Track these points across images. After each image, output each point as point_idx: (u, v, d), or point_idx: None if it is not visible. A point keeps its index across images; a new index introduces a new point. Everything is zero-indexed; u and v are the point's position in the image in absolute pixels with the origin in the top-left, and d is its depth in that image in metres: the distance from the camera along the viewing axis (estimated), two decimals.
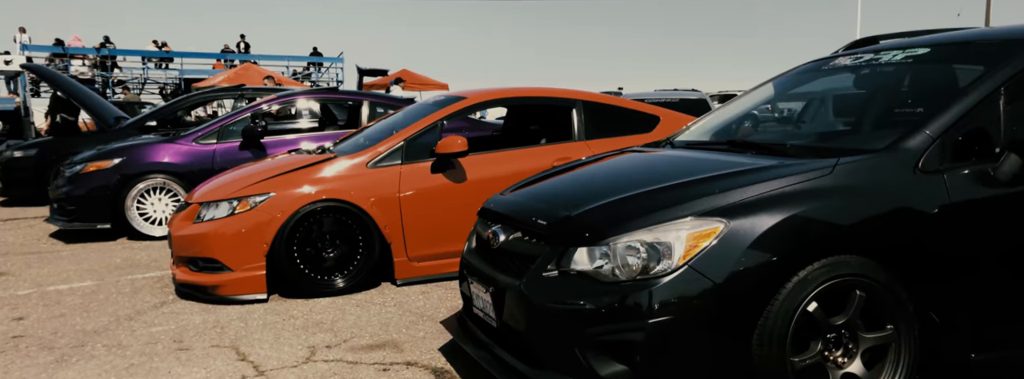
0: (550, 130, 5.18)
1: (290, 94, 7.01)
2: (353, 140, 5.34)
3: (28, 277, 5.01)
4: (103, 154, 6.40)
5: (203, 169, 6.45)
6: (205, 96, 8.95)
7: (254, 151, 6.59)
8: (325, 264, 4.34)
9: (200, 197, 4.47)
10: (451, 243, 4.51)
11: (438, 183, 4.49)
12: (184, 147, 6.51)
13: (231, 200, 4.27)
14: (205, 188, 4.68)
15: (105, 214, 6.27)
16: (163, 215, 6.43)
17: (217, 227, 4.21)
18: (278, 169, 4.47)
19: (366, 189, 4.36)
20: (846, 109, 3.24)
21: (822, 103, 2.95)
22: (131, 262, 5.49)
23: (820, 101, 2.95)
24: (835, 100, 3.25)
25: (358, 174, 4.41)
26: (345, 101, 7.17)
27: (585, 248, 2.23)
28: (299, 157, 4.75)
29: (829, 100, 3.04)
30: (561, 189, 2.79)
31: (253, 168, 4.79)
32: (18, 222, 7.45)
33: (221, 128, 6.64)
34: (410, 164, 4.49)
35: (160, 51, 29.38)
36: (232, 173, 4.89)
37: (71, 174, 6.35)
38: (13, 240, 6.45)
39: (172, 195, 6.43)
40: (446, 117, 4.68)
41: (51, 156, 8.31)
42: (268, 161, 4.99)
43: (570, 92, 4.99)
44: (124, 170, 6.29)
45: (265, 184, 4.30)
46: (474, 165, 4.55)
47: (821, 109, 2.96)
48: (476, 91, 4.98)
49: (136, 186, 6.30)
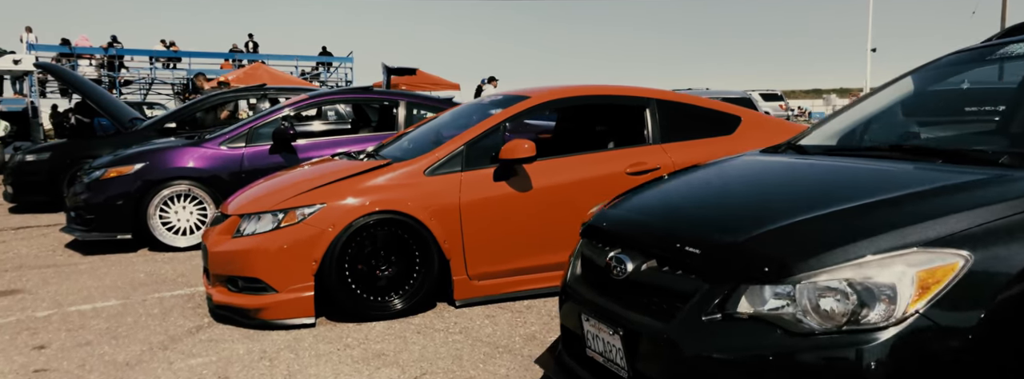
0: (618, 132, 4.72)
1: (322, 94, 6.55)
2: (398, 145, 4.89)
3: (46, 295, 4.57)
4: (124, 159, 5.96)
5: (231, 175, 6.01)
6: (226, 97, 8.51)
7: (285, 155, 6.14)
8: (378, 283, 3.88)
9: (239, 208, 4.02)
10: (515, 259, 4.05)
11: (501, 192, 4.03)
12: (210, 151, 6.06)
13: (276, 212, 3.81)
14: (243, 198, 4.23)
15: (126, 224, 5.82)
16: (187, 224, 5.98)
17: (260, 242, 3.76)
18: (326, 177, 4.01)
19: (424, 199, 3.90)
20: None
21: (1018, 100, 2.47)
22: (156, 277, 5.04)
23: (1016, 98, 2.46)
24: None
25: (415, 182, 3.95)
26: (380, 101, 6.70)
27: (763, 287, 1.77)
28: (348, 163, 4.30)
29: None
30: (699, 205, 2.31)
31: (296, 175, 4.34)
32: (31, 231, 7.01)
33: (250, 131, 6.19)
34: (471, 171, 4.02)
35: (168, 51, 29.07)
36: (272, 181, 4.44)
37: (90, 180, 5.90)
38: (27, 251, 6.01)
39: (197, 203, 5.98)
40: (509, 119, 4.22)
41: (65, 160, 7.88)
42: (311, 168, 4.53)
43: (642, 90, 4.52)
44: (147, 176, 5.84)
45: (315, 194, 3.84)
46: (539, 172, 4.09)
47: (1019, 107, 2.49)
48: (539, 89, 4.51)
49: (160, 193, 5.86)
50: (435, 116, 5.31)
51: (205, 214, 6.00)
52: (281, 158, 6.13)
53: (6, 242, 6.43)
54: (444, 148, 4.06)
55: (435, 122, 5.10)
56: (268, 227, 3.80)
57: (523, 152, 3.89)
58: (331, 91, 6.66)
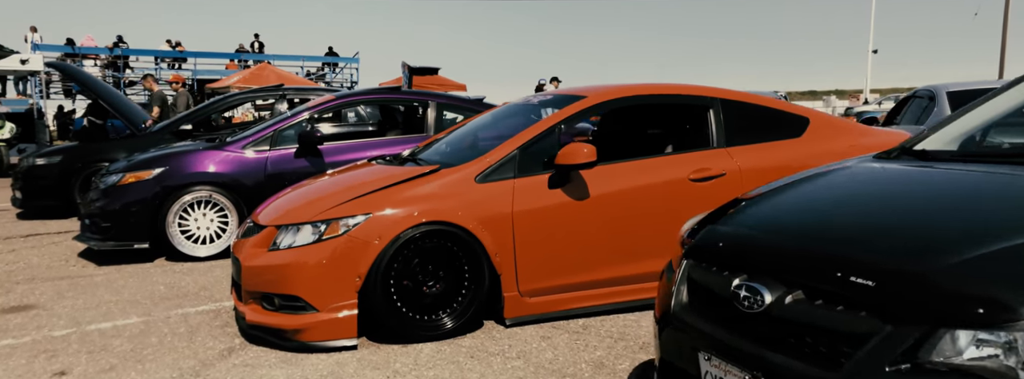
0: (677, 135, 4.39)
1: (349, 95, 6.23)
2: (438, 149, 4.57)
3: (62, 311, 4.24)
4: (142, 163, 5.64)
5: (255, 180, 5.69)
6: (243, 97, 8.20)
7: (311, 159, 5.82)
8: (424, 300, 3.55)
9: (276, 218, 3.69)
10: (570, 274, 3.72)
11: (557, 201, 3.69)
12: (233, 155, 5.74)
13: (317, 223, 3.48)
14: (278, 207, 3.91)
15: (144, 232, 5.50)
16: (208, 233, 5.66)
17: (300, 256, 3.43)
18: (369, 184, 3.68)
19: (475, 208, 3.57)
20: None
21: None
22: (177, 290, 4.71)
23: None
24: None
25: (465, 190, 3.62)
26: (409, 102, 6.38)
27: (970, 332, 1.44)
28: (390, 169, 3.97)
29: None
30: (849, 223, 1.95)
31: (334, 183, 4.02)
32: (41, 239, 6.69)
33: (274, 133, 5.87)
34: (524, 178, 3.69)
35: (173, 51, 28.80)
36: (307, 188, 4.11)
37: (106, 186, 5.58)
38: (38, 261, 5.69)
39: (218, 210, 5.66)
40: (565, 120, 3.88)
41: (77, 163, 7.57)
42: (349, 174, 4.20)
43: (705, 89, 4.18)
44: (166, 181, 5.52)
45: (360, 203, 3.51)
46: (596, 178, 3.75)
47: None
48: (596, 88, 4.17)
49: (179, 200, 5.53)
50: (472, 117, 4.98)
51: (226, 222, 5.68)
52: (307, 162, 5.81)
53: (16, 251, 6.11)
54: (496, 153, 3.72)
55: (475, 124, 4.77)
56: (308, 239, 3.47)
57: (582, 157, 3.56)
58: (358, 92, 6.33)
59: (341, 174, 4.31)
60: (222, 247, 5.65)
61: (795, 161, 3.94)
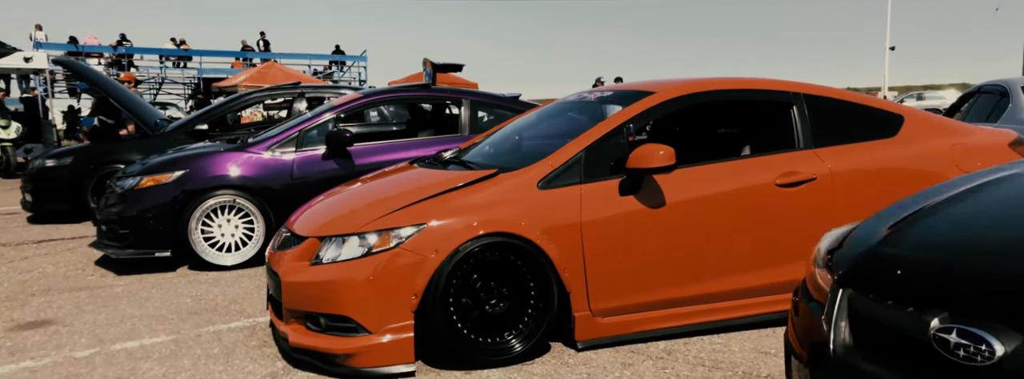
0: (754, 135, 4.04)
1: (378, 93, 5.88)
2: (481, 150, 4.24)
3: (83, 328, 3.91)
4: (161, 165, 5.30)
5: (281, 184, 5.36)
6: (261, 95, 7.86)
7: (340, 161, 5.48)
8: (485, 321, 3.21)
9: (317, 228, 3.36)
10: (646, 291, 3.38)
11: (630, 209, 3.34)
12: (257, 157, 5.40)
13: (365, 234, 3.15)
14: (317, 215, 3.58)
15: (165, 239, 5.17)
16: (232, 240, 5.32)
17: (348, 272, 3.10)
18: (421, 190, 3.34)
19: (539, 218, 3.23)
20: None
21: None
22: (206, 304, 4.39)
23: None
24: None
25: (528, 197, 3.27)
26: (442, 100, 6.03)
27: None
28: (439, 173, 3.62)
29: None
30: None
31: (379, 188, 3.69)
32: (54, 245, 6.36)
33: (300, 133, 5.53)
34: (592, 183, 3.34)
35: (177, 49, 28.53)
36: (345, 194, 3.79)
37: (123, 190, 5.25)
38: (54, 270, 5.36)
39: (242, 215, 5.32)
40: (634, 119, 3.53)
41: (89, 165, 7.24)
42: (393, 178, 3.87)
43: (787, 83, 3.83)
44: (187, 185, 5.18)
45: (413, 211, 3.18)
46: (673, 184, 3.41)
47: None
48: (664, 83, 3.81)
49: (202, 205, 5.20)
50: (517, 116, 4.64)
51: (251, 228, 5.34)
52: (336, 164, 5.47)
53: (29, 258, 5.79)
54: (559, 155, 3.37)
55: (523, 124, 4.43)
56: (356, 253, 3.14)
57: (659, 160, 3.21)
58: (387, 89, 6.00)
59: (382, 179, 3.98)
60: (248, 255, 5.32)
61: (893, 164, 3.59)
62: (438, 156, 4.39)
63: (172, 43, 28.90)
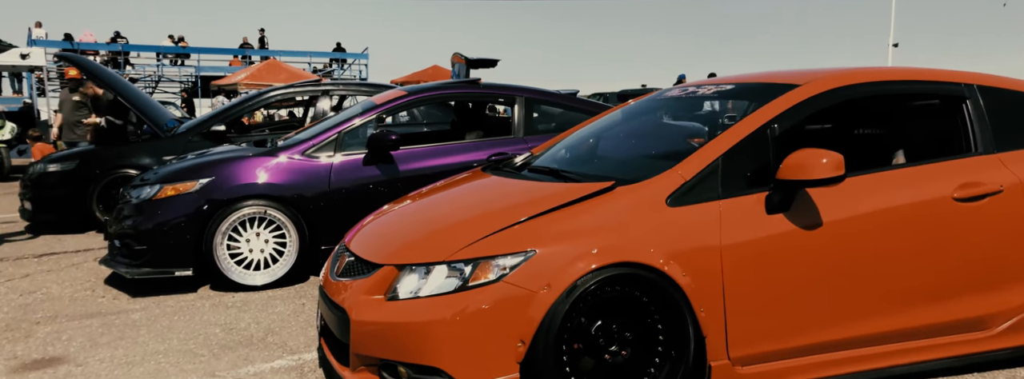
0: (912, 136, 3.43)
1: (423, 90, 5.26)
2: (564, 156, 3.65)
3: (100, 369, 3.30)
4: (182, 172, 4.68)
5: (317, 192, 4.74)
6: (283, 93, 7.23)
7: (383, 167, 4.87)
8: (603, 373, 2.60)
9: (391, 253, 2.75)
10: (799, 331, 2.76)
11: (779, 230, 2.71)
12: (290, 162, 4.78)
13: (457, 263, 2.54)
14: (384, 235, 2.98)
15: (187, 256, 4.55)
16: (261, 256, 4.71)
17: (437, 311, 2.49)
18: (519, 207, 2.73)
19: (670, 243, 2.62)
20: None
21: None
22: (238, 335, 3.78)
23: None
24: None
25: (655, 217, 2.66)
26: (494, 98, 5.42)
27: None
28: (538, 186, 2.99)
29: None
30: None
31: (459, 202, 3.09)
32: (57, 259, 5.73)
33: (338, 136, 4.91)
34: (732, 198, 2.73)
35: (175, 47, 27.92)
36: (414, 208, 3.19)
37: (139, 200, 4.63)
38: (60, 291, 4.73)
39: (273, 229, 4.70)
40: (778, 118, 2.90)
41: (94, 170, 6.61)
42: (469, 189, 3.27)
43: (955, 74, 3.19)
44: (213, 194, 4.56)
45: (516, 234, 2.57)
46: (829, 199, 2.78)
47: None
48: (806, 73, 3.13)
49: (229, 217, 4.58)
50: (600, 115, 4.03)
51: (283, 243, 4.73)
52: (378, 171, 4.87)
53: (31, 276, 5.16)
54: (691, 163, 2.75)
55: (608, 124, 3.84)
56: (447, 286, 2.54)
57: (823, 169, 2.59)
58: (431, 86, 5.38)
59: (455, 190, 3.37)
60: (279, 274, 4.71)
61: None
62: (508, 162, 3.79)
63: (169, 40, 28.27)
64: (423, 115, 7.33)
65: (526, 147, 5.09)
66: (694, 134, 4.51)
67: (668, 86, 5.41)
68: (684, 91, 3.60)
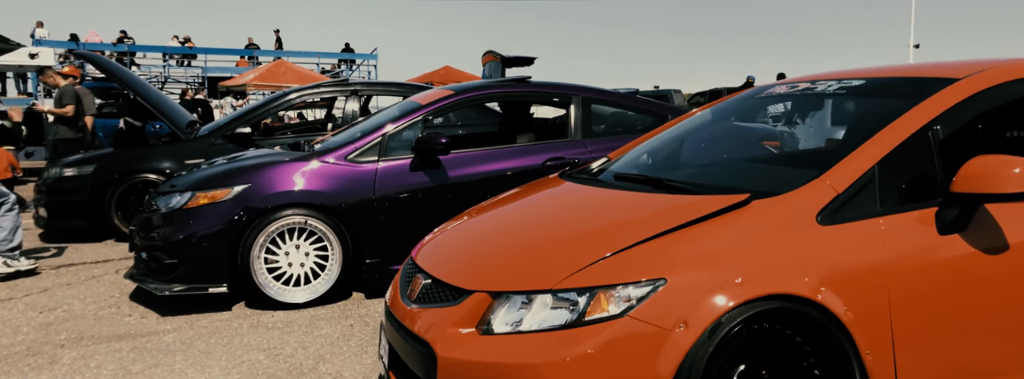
0: None
1: (472, 89, 4.86)
2: (637, 159, 3.26)
3: None
4: (216, 178, 4.29)
5: (360, 200, 4.35)
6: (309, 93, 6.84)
7: (431, 173, 4.48)
8: None
9: (482, 276, 2.35)
10: (981, 373, 2.35)
11: (958, 254, 2.27)
12: (332, 167, 4.39)
13: (567, 292, 2.14)
14: (467, 253, 2.59)
15: (222, 271, 4.16)
16: (301, 271, 4.32)
17: (546, 350, 2.09)
18: (637, 224, 2.32)
19: (826, 270, 2.17)
20: None
21: None
22: (285, 363, 3.39)
23: None
24: None
25: (806, 238, 2.22)
26: (548, 97, 5.02)
27: None
28: (649, 199, 2.58)
29: None
30: None
31: (552, 216, 2.69)
32: (76, 272, 5.34)
33: (383, 139, 4.52)
34: (893, 215, 2.31)
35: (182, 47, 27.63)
36: (499, 221, 2.80)
37: (169, 209, 4.24)
38: (82, 308, 4.34)
39: (314, 240, 4.31)
40: (938, 119, 2.47)
41: (113, 174, 6.22)
42: (562, 201, 2.87)
43: None
44: (250, 202, 4.17)
45: (639, 258, 2.15)
46: (1010, 217, 2.34)
47: None
48: (962, 66, 2.70)
49: (267, 228, 4.19)
50: (682, 117, 3.63)
51: (325, 256, 4.34)
52: (426, 177, 4.47)
53: (49, 290, 4.77)
54: (842, 172, 2.31)
55: (698, 126, 3.44)
56: (555, 320, 2.13)
57: (1015, 181, 2.16)
58: (478, 84, 4.97)
59: (537, 200, 2.98)
60: (321, 291, 4.32)
61: None
62: (584, 169, 3.39)
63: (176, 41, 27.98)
64: (457, 116, 6.94)
65: (585, 151, 4.71)
66: (764, 136, 4.10)
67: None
68: (792, 88, 3.19)
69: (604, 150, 4.74)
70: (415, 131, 4.64)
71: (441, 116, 4.73)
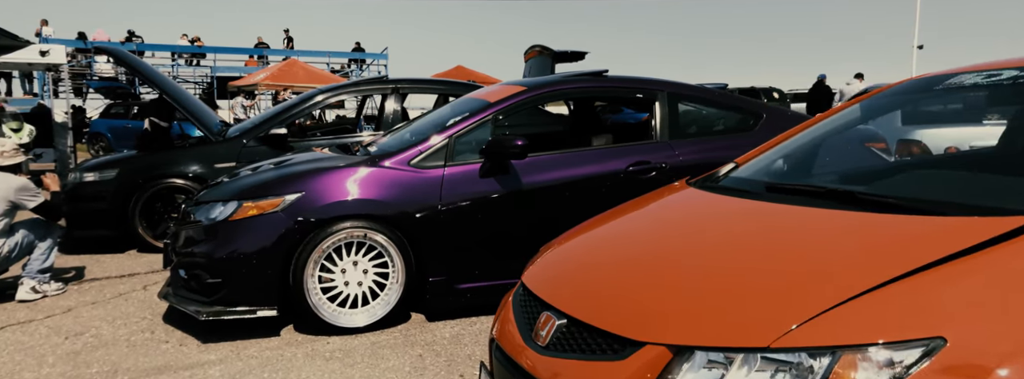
0: None
1: (543, 84, 4.34)
2: (781, 167, 2.75)
3: None
4: (265, 186, 3.78)
5: (424, 210, 3.83)
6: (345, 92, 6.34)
7: (502, 180, 3.96)
8: None
9: (649, 325, 1.82)
10: None
11: None
12: (394, 173, 3.88)
13: (797, 353, 1.60)
14: (607, 285, 2.06)
15: (272, 292, 3.66)
16: (359, 291, 3.81)
17: None
18: (873, 256, 1.79)
19: None
20: None
21: None
22: None
23: None
24: None
25: None
26: (629, 93, 4.49)
27: None
28: (868, 221, 2.05)
29: None
30: None
31: (709, 236, 2.17)
32: (100, 288, 4.84)
33: (451, 141, 4.01)
34: None
35: (191, 46, 27.25)
36: (638, 244, 2.28)
37: (211, 221, 3.73)
38: (112, 333, 3.84)
39: (374, 255, 3.81)
40: None
41: (137, 179, 5.72)
42: (705, 210, 2.36)
43: None
44: (304, 213, 3.66)
45: (892, 305, 1.61)
46: None
47: None
48: None
49: (323, 242, 3.68)
50: (825, 116, 3.11)
51: (385, 273, 3.84)
52: (497, 184, 3.96)
53: (73, 310, 4.27)
54: None
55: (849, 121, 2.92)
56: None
57: None
58: (555, 80, 4.44)
59: (685, 215, 2.46)
60: (379, 314, 3.81)
61: None
62: (711, 176, 2.88)
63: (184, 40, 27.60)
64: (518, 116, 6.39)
65: (673, 155, 4.20)
66: (869, 138, 3.55)
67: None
68: (960, 79, 2.66)
69: (695, 154, 4.24)
70: (484, 132, 4.13)
71: (511, 115, 4.21)
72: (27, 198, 4.44)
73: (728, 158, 4.22)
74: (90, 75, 24.78)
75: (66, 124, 14.10)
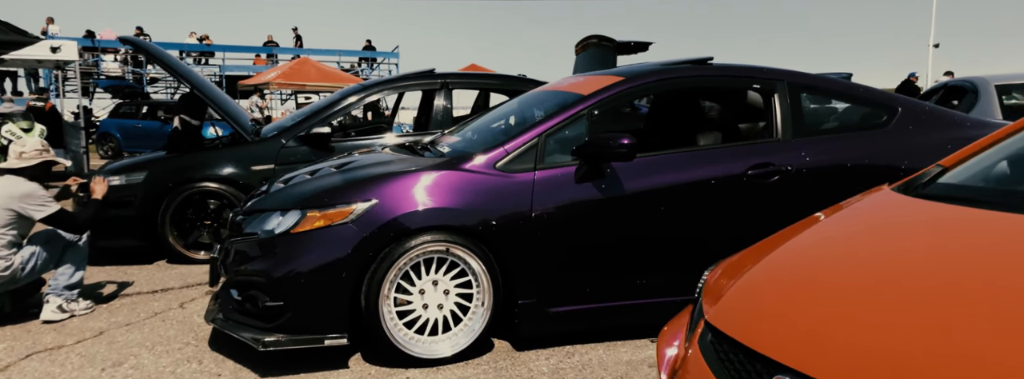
0: None
1: (643, 74, 3.78)
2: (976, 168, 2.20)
3: None
4: (331, 192, 3.24)
5: (514, 221, 3.28)
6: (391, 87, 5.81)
7: (601, 185, 3.41)
8: None
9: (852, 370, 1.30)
10: None
11: None
12: (476, 178, 3.34)
13: None
14: (840, 332, 1.52)
15: (342, 316, 3.12)
16: (440, 315, 3.28)
17: None
18: None
19: None
20: None
21: None
22: None
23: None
24: None
25: None
26: (745, 83, 3.90)
27: None
28: None
29: None
30: None
31: (963, 263, 1.63)
32: (133, 305, 4.31)
33: (541, 140, 3.47)
34: None
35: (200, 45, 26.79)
36: (877, 265, 1.73)
37: (267, 234, 3.20)
38: (155, 364, 3.30)
39: (456, 273, 3.28)
40: None
41: (167, 183, 5.19)
42: (939, 225, 1.82)
43: None
44: (380, 225, 3.12)
45: None
46: None
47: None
48: None
49: (400, 259, 3.14)
50: None
51: (469, 294, 3.30)
52: (596, 191, 3.41)
53: (105, 333, 3.74)
54: None
55: None
56: None
57: None
58: (656, 69, 3.85)
59: (917, 231, 1.92)
60: (463, 343, 3.28)
61: None
62: (913, 182, 2.34)
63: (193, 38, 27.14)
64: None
65: (799, 155, 3.65)
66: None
67: None
68: None
69: (824, 154, 3.69)
70: (578, 129, 3.59)
71: (607, 109, 3.67)
72: (33, 207, 3.85)
73: (863, 160, 3.70)
74: (97, 74, 24.31)
75: (78, 124, 13.60)
